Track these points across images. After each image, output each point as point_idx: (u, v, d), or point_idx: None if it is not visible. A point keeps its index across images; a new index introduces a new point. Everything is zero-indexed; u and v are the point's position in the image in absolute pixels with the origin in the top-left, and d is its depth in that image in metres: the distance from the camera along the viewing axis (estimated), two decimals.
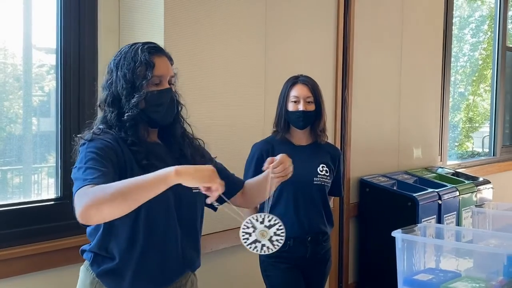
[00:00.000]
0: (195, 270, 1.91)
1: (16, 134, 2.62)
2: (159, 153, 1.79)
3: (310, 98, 2.72)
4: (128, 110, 1.74)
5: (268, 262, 2.76)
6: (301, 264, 2.75)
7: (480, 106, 6.96)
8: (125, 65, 1.76)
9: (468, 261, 2.09)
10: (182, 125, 1.90)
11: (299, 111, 2.71)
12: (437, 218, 3.99)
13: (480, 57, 6.89)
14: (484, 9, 6.82)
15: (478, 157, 6.50)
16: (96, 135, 1.72)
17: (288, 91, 2.75)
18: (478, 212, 2.63)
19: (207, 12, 2.89)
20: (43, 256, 2.43)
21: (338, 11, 3.86)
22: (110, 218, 1.54)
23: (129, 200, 1.50)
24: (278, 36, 3.36)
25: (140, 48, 1.78)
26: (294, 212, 2.70)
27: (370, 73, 4.22)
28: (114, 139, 1.72)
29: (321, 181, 2.74)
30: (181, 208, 1.79)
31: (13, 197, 2.57)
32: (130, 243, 1.72)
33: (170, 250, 1.77)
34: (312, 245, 2.74)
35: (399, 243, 2.00)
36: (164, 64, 1.79)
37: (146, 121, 1.78)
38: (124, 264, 1.73)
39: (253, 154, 2.78)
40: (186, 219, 1.81)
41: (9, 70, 2.62)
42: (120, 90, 1.76)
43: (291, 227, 2.70)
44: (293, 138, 2.79)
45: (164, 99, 1.77)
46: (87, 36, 2.65)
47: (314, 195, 2.74)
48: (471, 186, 4.54)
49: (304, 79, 2.76)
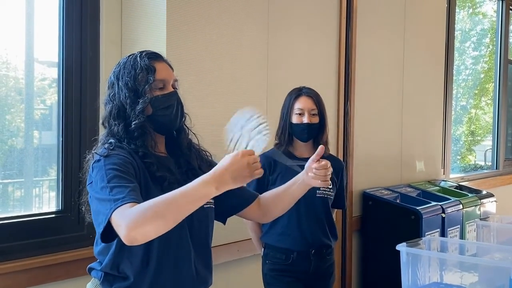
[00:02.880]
0: (206, 286, 1.83)
1: (18, 147, 2.61)
2: (167, 165, 1.74)
3: (315, 110, 2.71)
4: (134, 118, 1.70)
5: (271, 275, 2.74)
6: (304, 278, 2.72)
7: (482, 119, 6.96)
8: (126, 74, 1.74)
9: (474, 275, 2.06)
10: (187, 136, 1.85)
11: (304, 123, 2.69)
12: (441, 231, 3.96)
13: (481, 70, 6.89)
14: (486, 23, 6.83)
15: (481, 170, 6.48)
16: (111, 150, 1.67)
17: (292, 103, 2.73)
18: (483, 226, 2.61)
19: (209, 23, 2.90)
20: (44, 269, 2.42)
21: (340, 24, 3.86)
22: (155, 236, 1.50)
23: (170, 218, 1.48)
24: (279, 45, 3.36)
25: (139, 56, 1.76)
26: (297, 226, 2.68)
27: (373, 86, 4.22)
28: (127, 153, 1.67)
29: (324, 194, 2.72)
30: (193, 225, 1.75)
31: (14, 210, 2.56)
32: (144, 262, 1.68)
33: (183, 268, 1.73)
34: (315, 259, 2.71)
35: (404, 256, 1.99)
36: (165, 69, 1.77)
37: (154, 129, 1.74)
38: (138, 284, 1.68)
39: None
40: (198, 236, 1.77)
41: (11, 83, 2.62)
42: (124, 99, 1.72)
43: (294, 241, 2.69)
44: (296, 150, 2.77)
45: (171, 102, 1.73)
46: (89, 49, 2.65)
47: (317, 208, 2.71)
48: (474, 199, 4.51)
49: (308, 91, 2.75)
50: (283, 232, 2.71)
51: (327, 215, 2.77)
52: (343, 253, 4.00)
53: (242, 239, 3.07)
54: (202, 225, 1.79)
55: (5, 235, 2.37)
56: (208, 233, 1.83)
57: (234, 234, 3.01)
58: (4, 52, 2.55)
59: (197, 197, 1.50)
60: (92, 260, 1.80)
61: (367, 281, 4.20)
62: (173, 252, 1.70)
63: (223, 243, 2.97)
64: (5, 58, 2.56)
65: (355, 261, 4.16)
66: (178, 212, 1.49)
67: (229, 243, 3.01)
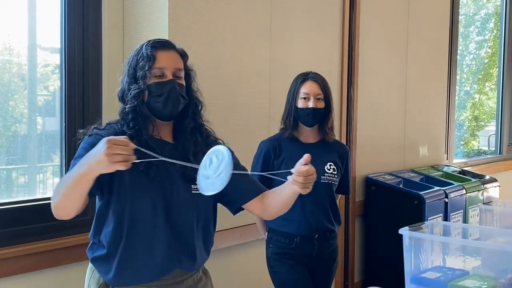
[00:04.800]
0: (189, 270, 1.89)
1: (21, 134, 2.62)
2: (158, 149, 1.76)
3: (320, 95, 2.70)
4: (128, 101, 1.81)
5: (274, 258, 2.75)
6: (307, 262, 2.73)
7: (486, 104, 6.93)
8: (131, 61, 1.85)
9: (476, 259, 2.07)
10: (195, 122, 1.90)
11: (309, 108, 2.68)
12: (444, 216, 3.97)
13: (485, 55, 6.86)
14: (490, 7, 6.78)
15: (484, 155, 6.47)
16: (98, 129, 1.81)
17: (298, 88, 2.71)
18: (486, 210, 2.61)
19: (211, 9, 2.89)
20: (48, 254, 2.44)
21: (344, 8, 3.84)
22: (64, 213, 1.70)
23: (62, 197, 1.65)
24: (283, 33, 3.35)
25: (146, 44, 1.85)
26: (300, 210, 2.67)
27: (376, 72, 4.21)
28: (113, 133, 1.75)
29: (329, 179, 2.72)
30: (171, 206, 1.82)
31: (18, 195, 2.57)
32: (116, 236, 1.80)
33: (156, 247, 1.81)
34: (319, 243, 2.72)
35: (407, 240, 1.99)
36: (167, 57, 1.83)
37: (153, 114, 1.83)
38: (111, 254, 1.80)
39: (260, 152, 2.76)
40: (178, 218, 1.83)
41: (14, 69, 2.62)
42: (126, 84, 1.84)
43: (298, 225, 2.70)
44: (301, 135, 2.76)
45: (164, 90, 1.80)
46: (92, 34, 2.64)
47: (321, 194, 2.71)
48: (477, 184, 4.51)
49: (314, 76, 2.73)
50: (286, 217, 2.67)
51: (331, 201, 2.77)
52: (346, 238, 4.02)
53: (245, 224, 3.09)
54: (184, 208, 1.84)
55: (10, 220, 2.39)
56: (190, 218, 1.86)
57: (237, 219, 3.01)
58: (7, 38, 2.55)
59: (75, 178, 1.60)
60: None
61: (370, 265, 4.22)
62: (145, 230, 1.80)
63: (227, 228, 2.98)
64: (8, 44, 2.56)
65: (358, 246, 4.18)
66: (66, 192, 1.63)
67: (232, 227, 3.02)
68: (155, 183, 1.79)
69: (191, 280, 1.91)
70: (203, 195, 1.73)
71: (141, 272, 1.81)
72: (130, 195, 1.78)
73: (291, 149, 2.71)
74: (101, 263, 1.84)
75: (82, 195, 1.64)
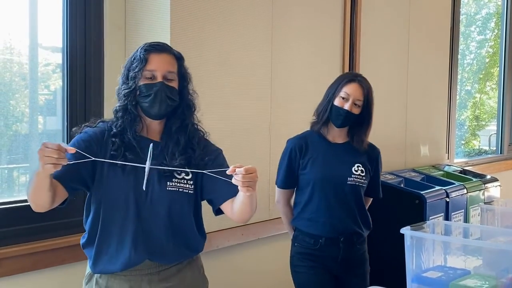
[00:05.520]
0: (161, 262, 1.97)
1: (22, 133, 2.62)
2: (139, 147, 1.92)
3: (360, 101, 2.63)
4: (119, 100, 1.96)
5: (298, 257, 2.71)
6: (332, 266, 2.68)
7: (487, 104, 6.92)
8: (127, 62, 1.97)
9: (477, 258, 2.07)
10: (181, 123, 1.99)
11: (343, 109, 2.62)
12: (445, 216, 3.96)
13: (486, 55, 6.85)
14: (491, 7, 6.78)
15: (485, 155, 6.47)
16: (89, 127, 1.98)
17: (342, 86, 2.65)
18: (487, 209, 2.61)
19: (213, 9, 2.88)
20: (50, 253, 2.44)
21: (345, 8, 3.84)
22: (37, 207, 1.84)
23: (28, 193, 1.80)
24: (284, 32, 3.35)
25: (141, 47, 1.96)
26: (325, 211, 2.64)
27: (377, 71, 4.20)
28: (100, 130, 1.96)
29: (356, 181, 2.67)
30: (144, 204, 1.93)
31: (20, 194, 2.57)
32: (93, 225, 1.95)
33: (125, 239, 1.92)
34: (345, 246, 2.67)
35: (408, 240, 1.99)
36: (158, 60, 1.92)
37: (143, 113, 1.95)
38: (90, 243, 1.96)
39: (286, 150, 2.74)
40: (147, 215, 1.93)
41: (15, 68, 2.62)
42: (120, 85, 1.97)
43: (323, 227, 2.65)
44: (329, 134, 2.72)
45: (151, 91, 1.90)
46: (93, 34, 2.64)
47: (348, 196, 2.66)
48: (478, 184, 4.51)
49: (362, 80, 2.66)
50: (312, 218, 2.68)
51: (358, 203, 2.70)
52: None
53: (247, 223, 3.09)
54: (156, 203, 1.94)
55: (11, 219, 2.39)
56: (160, 213, 1.95)
57: None
58: (8, 37, 2.54)
59: (34, 175, 1.75)
60: None
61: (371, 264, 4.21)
62: (117, 221, 1.93)
63: (228, 227, 2.98)
64: (9, 44, 2.56)
65: None
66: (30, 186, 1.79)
67: (233, 227, 3.02)
68: (130, 178, 1.91)
69: (167, 272, 1.98)
70: (179, 192, 1.92)
71: (113, 260, 1.93)
72: (105, 187, 1.92)
73: (317, 148, 2.68)
74: (86, 250, 1.99)
75: (42, 190, 1.76)
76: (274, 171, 2.86)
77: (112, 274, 1.95)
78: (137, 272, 1.94)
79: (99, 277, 1.96)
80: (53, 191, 1.79)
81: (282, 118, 3.31)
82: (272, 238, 3.28)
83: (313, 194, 2.66)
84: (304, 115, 3.41)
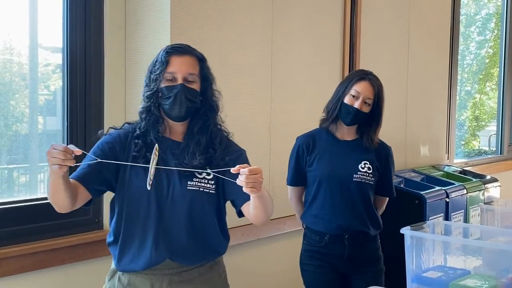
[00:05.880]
0: (183, 263, 1.98)
1: (22, 133, 2.62)
2: (164, 148, 1.96)
3: (370, 100, 2.62)
4: (142, 102, 1.99)
5: (305, 255, 2.73)
6: (338, 264, 2.67)
7: (487, 104, 6.93)
8: (150, 64, 2.01)
9: (477, 258, 2.07)
10: (203, 123, 2.00)
11: (353, 107, 2.61)
12: (445, 216, 3.96)
13: (486, 55, 6.85)
14: (491, 7, 6.78)
15: (485, 155, 6.47)
16: (114, 129, 2.03)
17: (352, 83, 2.64)
18: (487, 210, 2.61)
19: (213, 9, 2.88)
20: (50, 253, 2.44)
21: (345, 8, 3.84)
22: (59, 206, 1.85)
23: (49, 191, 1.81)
24: (284, 32, 3.35)
25: (164, 49, 1.99)
26: (330, 208, 2.64)
27: (377, 71, 4.18)
28: (124, 132, 2.00)
29: (362, 178, 2.65)
30: (166, 204, 1.96)
31: (20, 195, 2.57)
32: (117, 225, 1.99)
33: (147, 238, 1.95)
34: (350, 244, 2.65)
35: (408, 240, 1.99)
36: (179, 63, 1.95)
37: (165, 115, 1.98)
38: (115, 242, 1.99)
39: (294, 147, 2.76)
40: (168, 214, 1.95)
41: (15, 69, 2.62)
42: (144, 87, 2.00)
43: (328, 223, 2.65)
44: (338, 131, 2.71)
45: (170, 94, 1.93)
46: (93, 34, 2.64)
47: (353, 193, 2.64)
48: (478, 184, 4.51)
49: (373, 78, 2.65)
50: (317, 215, 2.69)
51: (364, 201, 2.67)
52: None
53: (246, 224, 3.08)
54: (177, 202, 1.96)
55: (11, 220, 2.39)
56: (186, 212, 1.96)
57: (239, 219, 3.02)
58: (8, 38, 2.54)
59: (49, 180, 1.78)
60: (98, 243, 1.88)
61: None
62: (139, 220, 1.96)
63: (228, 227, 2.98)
64: (9, 44, 2.56)
65: None
66: (48, 187, 1.80)
67: (233, 227, 3.00)
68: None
69: (188, 274, 1.98)
70: (200, 191, 1.93)
71: (135, 260, 1.96)
72: (128, 187, 1.95)
73: (325, 145, 2.69)
74: (110, 248, 2.02)
75: (59, 191, 1.77)
76: (274, 171, 2.87)
77: (134, 272, 1.97)
78: (158, 272, 1.96)
79: (122, 274, 2.00)
80: (72, 192, 1.82)
81: (282, 118, 3.31)
82: (272, 238, 3.28)
83: (318, 190, 2.66)
84: (304, 115, 3.43)
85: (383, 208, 2.88)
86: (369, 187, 2.68)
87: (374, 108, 2.65)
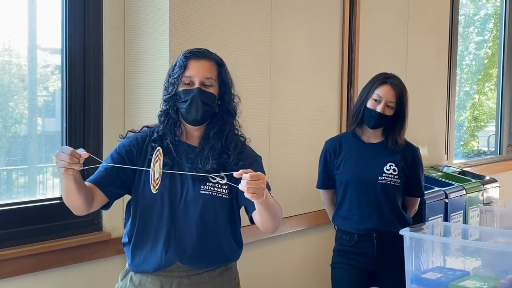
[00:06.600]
0: (192, 266, 1.99)
1: (21, 134, 2.62)
2: (180, 152, 1.99)
3: (393, 103, 2.66)
4: (161, 105, 2.03)
5: (336, 254, 2.81)
6: (368, 264, 2.71)
7: (485, 105, 6.93)
8: (169, 69, 2.05)
9: (476, 259, 2.07)
10: (219, 128, 2.01)
11: (375, 111, 2.66)
12: (444, 217, 3.96)
13: (485, 55, 6.85)
14: (490, 8, 6.79)
15: (484, 156, 6.47)
16: (133, 132, 2.07)
17: (374, 88, 2.69)
18: (486, 210, 2.61)
19: (212, 12, 2.88)
20: (49, 255, 2.43)
21: (344, 9, 3.84)
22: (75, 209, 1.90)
23: (63, 194, 1.85)
24: (283, 34, 3.35)
25: (182, 53, 2.03)
26: (357, 210, 2.70)
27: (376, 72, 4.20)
28: (142, 135, 2.04)
29: (387, 180, 2.69)
30: (178, 207, 1.97)
31: (19, 196, 2.57)
32: (131, 226, 2.02)
33: (159, 240, 1.97)
34: (379, 242, 2.69)
35: (407, 241, 1.99)
36: (197, 67, 1.98)
37: (183, 119, 2.00)
38: (129, 242, 2.02)
39: (322, 151, 2.84)
40: (180, 217, 1.97)
41: (14, 70, 2.61)
42: (163, 90, 2.04)
43: (356, 224, 2.72)
44: (363, 134, 2.77)
45: (187, 97, 1.96)
46: (92, 35, 2.64)
47: (377, 194, 2.69)
48: (477, 185, 4.51)
49: (394, 81, 2.70)
50: (346, 216, 2.76)
51: (389, 202, 2.71)
52: None
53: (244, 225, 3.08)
54: (190, 206, 1.97)
55: (10, 221, 2.38)
56: (197, 215, 1.97)
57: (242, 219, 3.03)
58: (7, 39, 2.54)
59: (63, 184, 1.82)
60: (97, 244, 1.88)
61: None
62: (152, 222, 1.98)
63: None
64: (7, 45, 2.56)
65: None
66: (62, 190, 1.86)
67: None
68: (166, 181, 1.95)
69: (197, 278, 1.98)
70: (213, 196, 1.94)
71: (147, 261, 1.98)
72: (142, 190, 1.98)
73: (351, 149, 2.75)
74: (125, 249, 2.06)
75: (72, 194, 1.81)
76: (273, 175, 2.87)
77: (146, 273, 2.00)
78: (168, 273, 1.98)
79: (134, 274, 2.03)
80: (86, 196, 1.86)
81: (281, 121, 3.30)
82: (271, 240, 3.28)
83: (346, 193, 2.74)
84: (304, 118, 3.42)
85: (415, 208, 2.94)
86: (395, 189, 2.72)
87: (397, 110, 2.69)
